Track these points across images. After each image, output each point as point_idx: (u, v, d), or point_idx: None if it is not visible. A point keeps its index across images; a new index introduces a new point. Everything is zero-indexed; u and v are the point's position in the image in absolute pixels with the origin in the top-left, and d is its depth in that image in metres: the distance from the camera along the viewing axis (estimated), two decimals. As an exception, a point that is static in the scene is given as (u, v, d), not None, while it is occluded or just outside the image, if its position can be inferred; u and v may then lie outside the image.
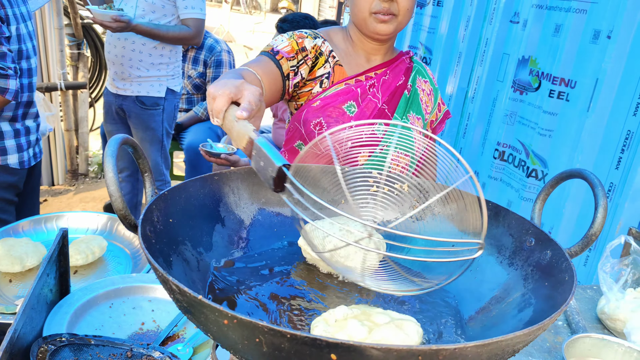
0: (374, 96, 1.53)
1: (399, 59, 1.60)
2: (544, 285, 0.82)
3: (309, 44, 1.50)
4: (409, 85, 1.58)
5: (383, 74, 1.55)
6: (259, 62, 1.43)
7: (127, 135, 0.83)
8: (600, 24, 1.90)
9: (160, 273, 0.65)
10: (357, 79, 1.53)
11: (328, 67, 1.52)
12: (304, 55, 1.48)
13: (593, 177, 0.85)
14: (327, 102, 1.50)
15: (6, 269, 1.48)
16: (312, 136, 1.50)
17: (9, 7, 1.99)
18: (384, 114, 1.54)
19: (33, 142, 2.30)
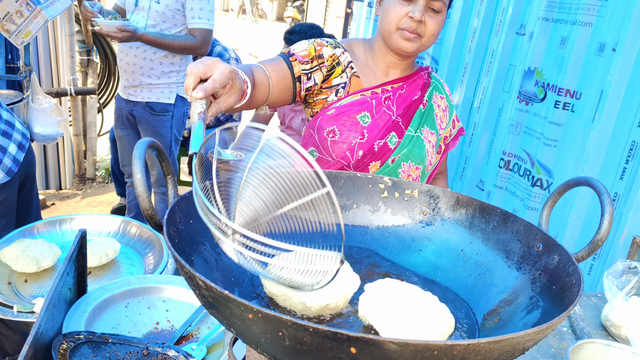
0: (388, 108, 1.56)
1: (417, 74, 1.63)
2: (552, 289, 0.85)
3: (327, 52, 1.53)
4: (424, 100, 1.61)
5: (400, 87, 1.58)
6: (272, 61, 1.47)
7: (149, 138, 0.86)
8: (605, 37, 1.94)
9: (187, 269, 0.68)
10: (373, 91, 1.56)
11: (345, 77, 1.55)
12: (319, 62, 1.52)
13: (600, 185, 0.88)
14: (342, 111, 1.52)
15: (22, 269, 1.52)
16: (324, 143, 1.53)
17: None
18: (397, 126, 1.56)
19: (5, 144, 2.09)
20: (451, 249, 1.09)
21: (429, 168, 1.64)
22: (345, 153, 1.53)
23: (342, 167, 1.55)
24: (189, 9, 2.95)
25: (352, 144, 1.52)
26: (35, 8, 3.05)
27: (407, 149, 1.57)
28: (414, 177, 1.61)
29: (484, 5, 2.67)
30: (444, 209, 1.13)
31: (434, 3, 1.45)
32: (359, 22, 4.35)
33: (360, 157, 1.53)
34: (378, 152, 1.55)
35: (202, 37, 2.99)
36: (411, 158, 1.58)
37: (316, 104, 1.57)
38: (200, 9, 2.96)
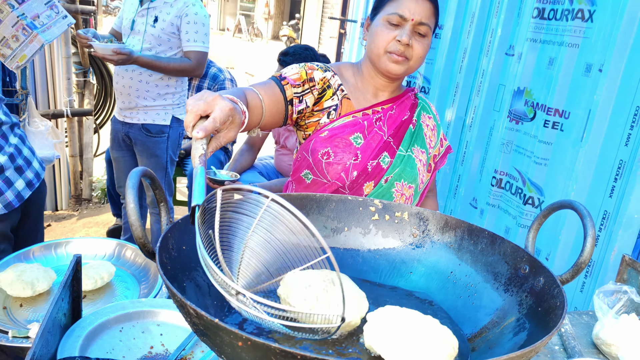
0: (379, 129, 1.59)
1: (405, 95, 1.68)
2: (537, 311, 0.87)
3: (318, 75, 1.57)
4: (414, 120, 1.65)
5: (389, 108, 1.62)
6: (265, 84, 1.50)
7: (142, 167, 0.88)
8: (592, 57, 1.98)
9: (178, 298, 0.70)
10: (364, 112, 1.60)
11: (336, 100, 1.59)
12: (310, 85, 1.55)
13: (582, 208, 0.90)
14: (335, 132, 1.56)
15: (18, 293, 1.53)
16: (319, 165, 1.55)
17: None
18: (389, 146, 1.60)
19: (13, 178, 2.08)
20: (441, 271, 1.11)
21: (421, 186, 1.67)
22: (340, 174, 1.55)
23: (337, 188, 1.57)
24: (184, 32, 3.00)
25: (346, 165, 1.55)
26: (31, 32, 3.09)
27: (400, 168, 1.60)
28: (407, 196, 1.64)
29: (474, 26, 2.72)
30: (434, 231, 1.15)
31: (420, 27, 1.51)
32: (352, 43, 4.41)
33: (355, 177, 1.56)
34: (371, 172, 1.57)
35: (197, 60, 3.03)
36: (404, 177, 1.61)
37: (308, 126, 1.60)
38: (195, 32, 3.01)
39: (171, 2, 3.01)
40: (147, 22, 3.01)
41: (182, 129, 3.30)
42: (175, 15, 2.99)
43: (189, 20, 2.99)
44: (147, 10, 3.01)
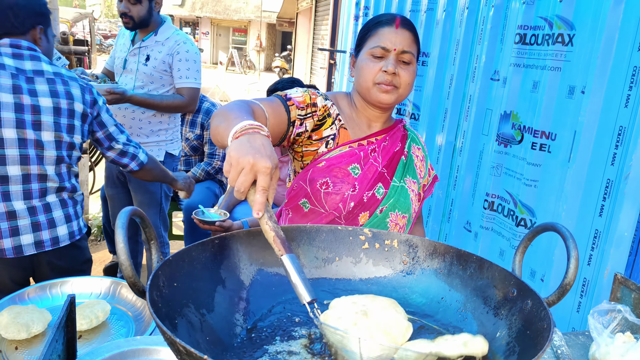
0: (375, 160, 1.62)
1: (396, 127, 1.72)
2: (526, 334, 0.88)
3: (320, 102, 1.59)
4: (405, 152, 1.69)
5: (383, 139, 1.66)
6: (271, 102, 1.49)
7: (130, 205, 0.90)
8: (574, 80, 2.03)
9: (168, 336, 0.71)
10: (360, 143, 1.62)
11: (334, 129, 1.61)
12: (312, 110, 1.56)
13: (564, 230, 0.92)
14: (333, 162, 1.58)
15: (13, 336, 1.52)
16: (317, 195, 1.56)
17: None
18: (383, 177, 1.62)
19: (25, 229, 2.05)
20: (431, 297, 1.12)
21: (413, 215, 1.69)
22: (338, 205, 1.57)
23: (334, 218, 1.59)
24: (176, 70, 3.05)
25: (344, 195, 1.56)
26: None
27: (394, 199, 1.63)
28: (401, 226, 1.66)
29: (459, 53, 2.79)
30: (423, 258, 1.16)
31: (403, 56, 1.56)
32: (342, 73, 4.49)
33: (352, 208, 1.58)
34: (367, 203, 1.60)
35: (190, 96, 3.08)
36: (398, 207, 1.63)
37: (305, 155, 1.61)
38: (187, 69, 3.06)
39: (162, 41, 3.08)
40: (139, 60, 3.07)
41: (176, 164, 3.33)
42: (166, 54, 3.05)
43: (181, 57, 3.05)
44: (139, 49, 3.08)
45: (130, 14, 2.96)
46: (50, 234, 2.11)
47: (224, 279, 1.07)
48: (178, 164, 3.38)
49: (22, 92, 2.00)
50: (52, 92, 2.06)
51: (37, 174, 2.05)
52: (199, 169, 3.96)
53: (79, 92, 2.14)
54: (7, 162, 1.97)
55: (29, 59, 2.05)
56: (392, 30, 1.56)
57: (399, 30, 1.56)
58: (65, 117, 2.09)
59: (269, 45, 30.87)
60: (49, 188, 2.09)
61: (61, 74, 2.12)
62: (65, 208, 2.16)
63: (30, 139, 2.01)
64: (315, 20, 15.54)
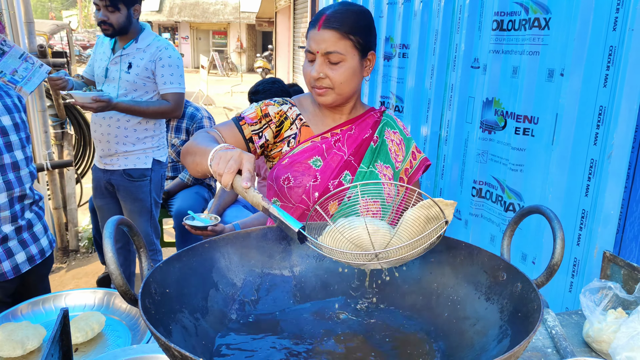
0: (339, 150, 1.66)
1: (367, 115, 1.74)
2: (517, 316, 0.89)
3: (273, 110, 1.67)
4: (375, 137, 1.71)
5: (348, 129, 1.69)
6: (226, 126, 1.64)
7: (120, 215, 0.90)
8: (552, 63, 2.04)
9: (162, 342, 0.71)
10: (322, 136, 1.67)
11: (295, 129, 1.68)
12: (267, 120, 1.65)
13: (549, 211, 0.93)
14: (295, 158, 1.64)
15: (8, 354, 1.51)
16: (282, 191, 1.63)
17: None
18: (350, 165, 1.65)
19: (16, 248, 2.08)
20: (424, 287, 1.13)
21: (389, 200, 1.69)
22: (301, 197, 1.62)
23: (302, 211, 1.63)
24: (159, 76, 3.04)
25: (306, 187, 1.61)
26: (15, 87, 3.12)
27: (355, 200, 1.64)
28: (373, 211, 1.66)
29: (439, 43, 2.80)
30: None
31: (329, 57, 1.57)
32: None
33: (317, 198, 1.61)
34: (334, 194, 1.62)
35: (175, 101, 3.08)
36: (366, 193, 1.64)
37: (273, 157, 1.69)
38: (170, 75, 3.05)
39: (143, 48, 3.06)
40: (121, 68, 3.05)
41: (164, 171, 3.31)
42: (149, 60, 3.03)
43: (163, 63, 3.04)
44: (120, 58, 3.06)
45: (109, 21, 2.93)
46: (36, 247, 2.17)
47: (216, 282, 1.08)
48: (166, 170, 3.37)
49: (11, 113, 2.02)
50: (6, 107, 2.05)
51: (19, 196, 2.08)
52: (187, 174, 3.95)
53: (17, 100, 2.15)
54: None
55: None
56: (316, 32, 1.57)
57: (321, 32, 1.56)
58: (22, 130, 2.11)
59: (250, 46, 30.77)
60: (26, 205, 2.14)
61: (0, 86, 2.11)
62: (41, 220, 2.23)
63: (7, 162, 2.02)
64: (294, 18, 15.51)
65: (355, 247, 1.03)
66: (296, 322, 1.06)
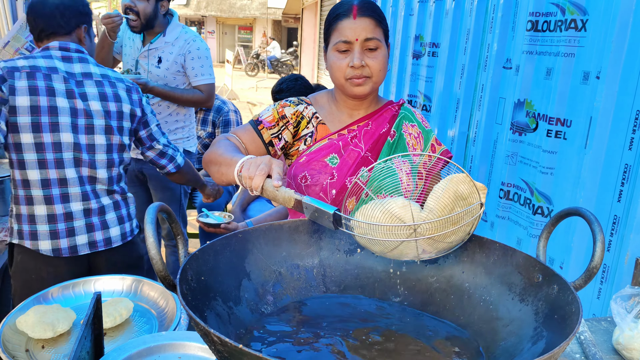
0: (356, 146, 1.65)
1: (384, 109, 1.71)
2: (554, 318, 0.88)
3: (289, 111, 1.67)
4: (392, 132, 1.69)
5: (365, 125, 1.68)
6: (245, 131, 1.65)
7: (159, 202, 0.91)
8: (588, 65, 2.01)
9: (201, 327, 0.72)
10: (339, 134, 1.67)
11: (311, 127, 1.68)
12: (284, 122, 1.66)
13: (589, 214, 0.92)
14: (312, 157, 1.64)
15: (39, 335, 1.54)
16: (300, 189, 1.64)
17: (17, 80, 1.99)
18: (367, 161, 1.64)
19: (82, 229, 2.13)
20: (455, 285, 1.12)
21: (407, 195, 1.67)
22: (319, 194, 1.62)
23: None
24: (190, 69, 3.08)
25: (323, 185, 1.61)
26: None
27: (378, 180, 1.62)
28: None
29: (470, 43, 2.77)
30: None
31: (368, 43, 1.55)
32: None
33: (335, 195, 1.62)
34: (352, 189, 1.61)
35: (208, 92, 3.12)
36: (384, 189, 1.63)
37: (291, 155, 1.71)
38: (201, 67, 3.09)
39: (172, 42, 3.09)
40: (151, 62, 3.09)
41: (193, 161, 3.36)
42: (178, 54, 3.07)
43: (193, 56, 3.07)
44: (149, 52, 3.09)
45: (136, 8, 2.95)
46: (103, 234, 2.19)
47: (249, 272, 1.09)
48: (195, 161, 3.41)
49: (75, 97, 2.08)
50: (101, 95, 2.14)
51: (88, 176, 2.13)
52: (211, 167, 3.98)
53: (125, 93, 2.21)
54: (64, 165, 2.06)
55: (77, 61, 2.12)
56: (351, 21, 1.55)
57: (358, 20, 1.55)
58: (115, 119, 2.17)
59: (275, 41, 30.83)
60: (100, 190, 2.17)
61: (108, 76, 2.19)
62: (118, 210, 2.24)
63: (84, 143, 2.10)
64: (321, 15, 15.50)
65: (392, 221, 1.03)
66: (326, 314, 1.06)
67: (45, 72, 2.02)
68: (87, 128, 2.10)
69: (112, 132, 2.15)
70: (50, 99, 2.03)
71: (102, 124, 2.13)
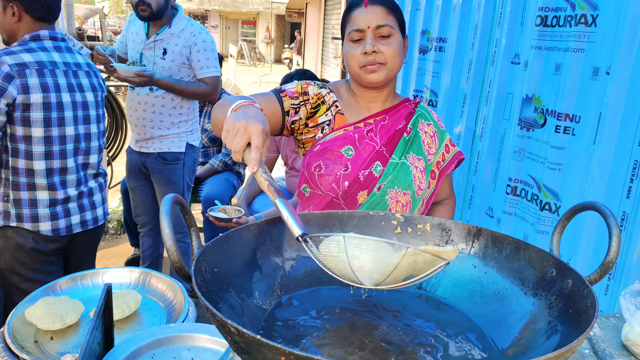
0: (371, 140, 1.65)
1: (401, 105, 1.72)
2: (568, 312, 0.88)
3: (313, 90, 1.67)
4: (408, 129, 1.69)
5: (382, 119, 1.68)
6: (265, 96, 1.63)
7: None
8: (598, 61, 2.00)
9: (218, 317, 0.72)
10: (356, 126, 1.66)
11: (330, 115, 1.67)
12: (304, 99, 1.65)
13: (605, 208, 0.91)
14: (326, 146, 1.63)
15: (48, 327, 1.55)
16: (313, 178, 1.63)
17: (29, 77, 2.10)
18: (382, 156, 1.64)
19: (75, 210, 2.33)
20: (467, 280, 1.12)
21: (420, 193, 1.68)
22: (331, 185, 1.62)
23: (331, 199, 1.64)
24: (195, 61, 3.07)
25: (337, 175, 1.61)
26: None
27: (392, 175, 1.63)
28: (403, 203, 1.65)
29: (478, 38, 2.76)
30: (457, 241, 1.16)
31: (380, 31, 1.57)
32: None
33: (347, 187, 1.61)
34: (364, 182, 1.62)
35: (213, 85, 3.12)
36: (397, 184, 1.63)
37: (306, 143, 1.69)
38: (206, 59, 3.08)
39: (177, 33, 3.08)
40: (156, 54, 3.08)
41: (196, 155, 3.35)
42: (183, 46, 3.06)
43: (199, 48, 3.06)
44: (154, 43, 3.09)
45: (148, 1, 2.95)
46: (91, 214, 2.41)
47: (260, 265, 1.09)
48: (198, 155, 3.41)
49: (74, 90, 2.24)
50: (92, 85, 2.31)
51: (82, 163, 2.34)
52: (216, 160, 3.98)
53: (102, 81, 2.40)
54: (67, 155, 2.25)
55: (65, 51, 2.23)
56: (362, 10, 1.58)
57: (369, 8, 1.57)
58: (101, 107, 2.38)
59: (278, 36, 30.80)
60: (89, 175, 2.39)
61: (91, 65, 2.36)
62: (102, 191, 2.47)
63: (82, 133, 2.29)
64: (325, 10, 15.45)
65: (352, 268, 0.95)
66: (339, 305, 1.06)
67: (50, 68, 2.16)
68: (85, 118, 2.29)
69: (100, 120, 2.37)
70: (58, 95, 2.17)
71: (95, 114, 2.33)
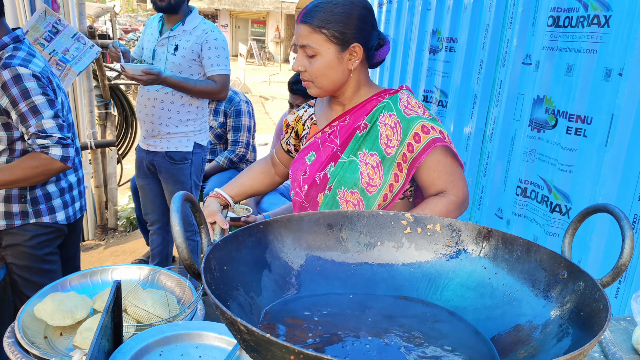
0: (331, 142, 1.68)
1: (367, 102, 1.66)
2: (580, 315, 0.87)
3: (291, 118, 1.88)
4: (363, 124, 1.63)
5: (342, 120, 1.69)
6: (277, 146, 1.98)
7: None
8: (610, 62, 1.98)
9: (228, 315, 0.72)
10: (323, 131, 1.72)
11: (306, 128, 1.82)
12: (289, 130, 1.90)
13: (618, 210, 0.90)
14: (299, 155, 1.76)
15: (58, 323, 1.56)
16: (292, 185, 1.77)
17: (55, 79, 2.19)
18: (335, 156, 1.65)
19: (77, 197, 2.47)
20: (477, 281, 1.11)
21: (371, 190, 1.60)
22: (296, 190, 1.73)
23: (300, 202, 1.73)
24: (206, 58, 3.08)
25: (298, 180, 1.71)
26: (65, 66, 3.20)
27: (339, 175, 1.63)
28: (353, 202, 1.61)
29: (489, 38, 2.75)
30: (467, 242, 1.16)
31: (305, 50, 1.59)
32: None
33: (307, 190, 1.68)
34: (320, 184, 1.66)
35: (222, 82, 3.12)
36: (343, 184, 1.62)
37: None
38: (217, 57, 3.09)
39: (190, 31, 3.10)
40: (168, 50, 3.09)
41: (204, 155, 3.36)
42: (195, 43, 3.07)
43: (210, 46, 3.07)
44: (167, 40, 3.10)
45: None
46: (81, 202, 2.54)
47: (270, 263, 1.08)
48: (206, 154, 3.42)
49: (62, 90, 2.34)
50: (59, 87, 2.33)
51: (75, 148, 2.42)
52: (222, 157, 3.99)
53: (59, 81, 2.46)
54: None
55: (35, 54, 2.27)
56: (296, 25, 1.62)
57: (298, 26, 1.60)
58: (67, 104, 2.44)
59: (288, 36, 30.82)
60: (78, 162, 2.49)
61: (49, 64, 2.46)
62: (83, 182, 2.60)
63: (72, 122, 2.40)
64: (334, 10, 15.40)
65: None
66: (348, 308, 1.06)
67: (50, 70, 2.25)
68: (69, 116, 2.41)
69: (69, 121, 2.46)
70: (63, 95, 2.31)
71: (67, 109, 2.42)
